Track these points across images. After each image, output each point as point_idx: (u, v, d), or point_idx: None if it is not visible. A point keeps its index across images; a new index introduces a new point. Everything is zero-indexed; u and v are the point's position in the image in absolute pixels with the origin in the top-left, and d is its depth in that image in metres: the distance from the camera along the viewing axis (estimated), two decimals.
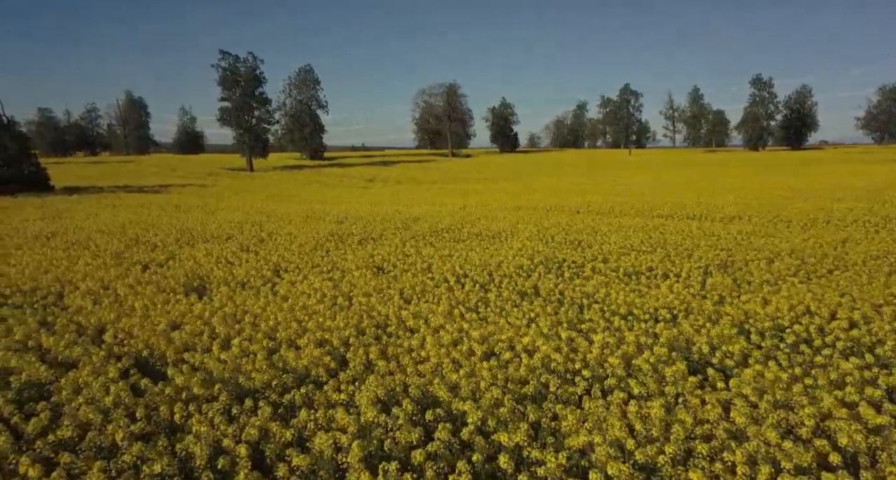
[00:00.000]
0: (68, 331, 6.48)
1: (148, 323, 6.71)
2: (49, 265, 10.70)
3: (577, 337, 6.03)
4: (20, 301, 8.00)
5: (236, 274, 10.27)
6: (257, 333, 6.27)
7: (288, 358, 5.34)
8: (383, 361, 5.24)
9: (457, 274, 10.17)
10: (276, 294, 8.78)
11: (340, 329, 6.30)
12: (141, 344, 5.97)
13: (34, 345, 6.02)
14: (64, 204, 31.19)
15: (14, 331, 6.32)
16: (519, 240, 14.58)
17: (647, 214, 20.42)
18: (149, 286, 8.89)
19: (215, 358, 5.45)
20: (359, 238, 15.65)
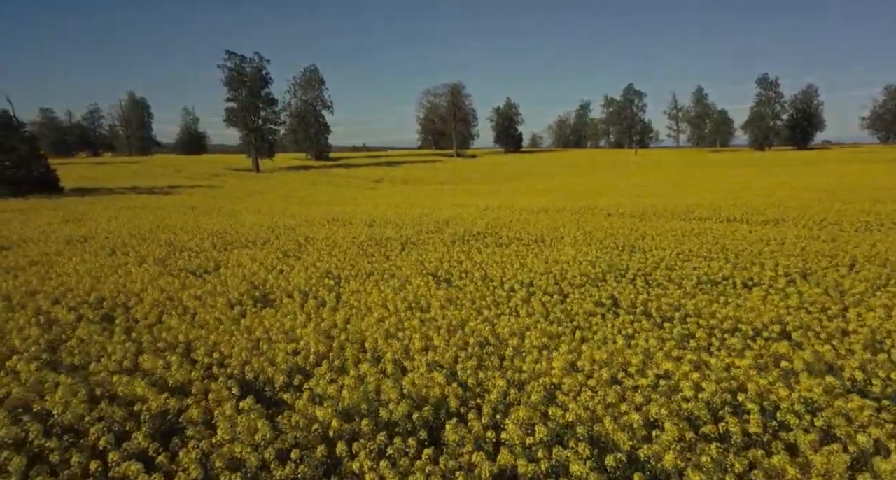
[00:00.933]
0: (158, 349, 6.09)
1: (234, 340, 6.30)
2: (99, 272, 10.30)
3: (704, 358, 5.61)
4: (92, 314, 7.58)
5: (293, 282, 9.86)
6: (357, 351, 5.85)
7: (405, 383, 4.92)
8: (514, 389, 4.80)
9: (521, 282, 9.78)
10: (346, 304, 8.37)
11: (444, 348, 5.87)
12: (239, 363, 5.57)
13: (129, 365, 5.61)
14: (80, 206, 30.77)
15: (110, 350, 5.92)
16: (566, 244, 14.21)
17: (684, 217, 20.02)
18: (217, 297, 8.49)
19: (323, 380, 5.04)
20: (399, 243, 15.25)
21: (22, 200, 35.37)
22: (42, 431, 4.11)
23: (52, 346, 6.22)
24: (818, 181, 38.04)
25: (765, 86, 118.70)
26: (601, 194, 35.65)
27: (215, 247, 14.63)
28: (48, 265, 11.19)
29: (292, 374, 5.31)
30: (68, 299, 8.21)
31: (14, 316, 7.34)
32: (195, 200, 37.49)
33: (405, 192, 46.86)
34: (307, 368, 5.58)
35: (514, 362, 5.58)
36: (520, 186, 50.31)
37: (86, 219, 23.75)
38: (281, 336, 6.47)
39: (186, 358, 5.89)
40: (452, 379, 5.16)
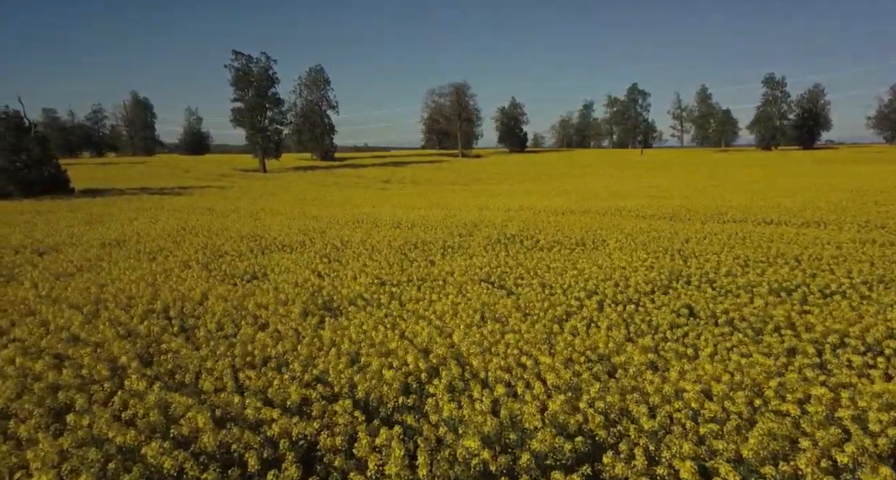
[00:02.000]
0: (251, 363, 5.80)
1: (328, 353, 6.00)
2: (152, 278, 10.03)
3: (842, 379, 5.28)
4: (163, 323, 7.29)
5: (353, 289, 9.57)
6: (460, 367, 5.54)
7: (528, 407, 4.60)
8: (659, 416, 4.43)
9: (587, 290, 9.48)
10: (415, 313, 8.08)
11: (553, 365, 5.53)
12: (345, 381, 5.27)
13: (230, 383, 5.30)
14: (95, 207, 30.49)
15: (212, 367, 5.64)
16: (610, 248, 13.91)
17: (717, 219, 19.72)
18: (283, 306, 8.20)
19: (444, 402, 4.72)
20: (436, 246, 14.95)
21: (35, 201, 35.12)
22: (191, 460, 3.82)
23: (145, 361, 5.95)
24: (838, 181, 37.71)
25: (771, 85, 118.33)
26: (620, 195, 35.31)
27: (252, 252, 14.35)
28: (95, 270, 10.91)
29: (406, 393, 5.01)
30: (135, 308, 7.93)
31: (96, 327, 7.04)
32: (209, 201, 37.19)
33: (418, 193, 46.51)
34: (413, 385, 5.26)
35: (637, 382, 5.25)
36: (533, 187, 49.97)
37: (105, 220, 23.48)
38: (371, 349, 6.17)
39: (284, 373, 5.59)
40: (580, 401, 4.82)
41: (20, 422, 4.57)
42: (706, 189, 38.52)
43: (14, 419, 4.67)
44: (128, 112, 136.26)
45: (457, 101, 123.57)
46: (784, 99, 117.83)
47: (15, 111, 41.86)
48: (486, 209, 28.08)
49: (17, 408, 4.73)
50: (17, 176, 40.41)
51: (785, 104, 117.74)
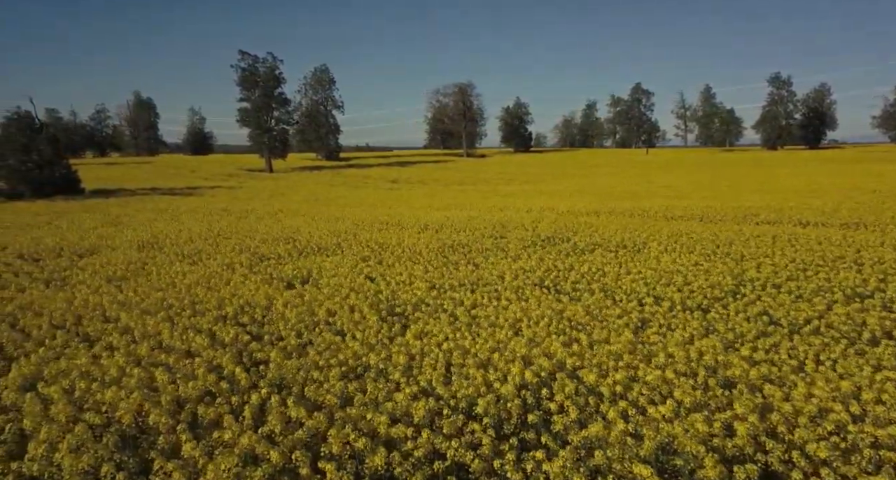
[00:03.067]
0: (355, 375, 5.56)
1: (424, 365, 5.75)
2: (207, 282, 9.81)
3: None
4: (236, 330, 7.04)
5: (413, 293, 9.32)
6: (570, 380, 5.28)
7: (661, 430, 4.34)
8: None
9: (652, 296, 9.22)
10: (485, 319, 7.81)
11: (674, 381, 5.25)
12: (463, 397, 5.00)
13: (328, 402, 5.05)
14: (111, 208, 30.21)
15: (319, 378, 5.38)
16: (655, 250, 13.66)
17: (748, 220, 19.49)
18: (355, 312, 7.95)
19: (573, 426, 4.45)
20: (475, 249, 14.70)
21: (49, 202, 34.85)
22: None
23: (246, 370, 5.70)
24: (858, 181, 37.44)
25: (777, 84, 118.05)
26: (637, 196, 35.04)
27: (289, 255, 14.09)
28: (144, 274, 10.68)
29: (527, 412, 4.76)
30: (206, 314, 7.70)
31: (188, 337, 6.79)
32: (222, 202, 36.93)
33: (430, 193, 46.24)
34: (530, 401, 4.99)
35: (766, 398, 4.97)
36: (545, 187, 49.66)
37: (126, 222, 23.23)
38: (470, 360, 5.91)
39: (383, 383, 5.34)
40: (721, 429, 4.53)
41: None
42: (722, 189, 38.26)
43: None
44: (131, 112, 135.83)
45: (461, 101, 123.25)
46: (790, 98, 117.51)
47: (26, 111, 41.63)
48: (506, 209, 27.82)
49: (158, 422, 4.48)
50: (28, 176, 40.14)
51: (791, 103, 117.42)
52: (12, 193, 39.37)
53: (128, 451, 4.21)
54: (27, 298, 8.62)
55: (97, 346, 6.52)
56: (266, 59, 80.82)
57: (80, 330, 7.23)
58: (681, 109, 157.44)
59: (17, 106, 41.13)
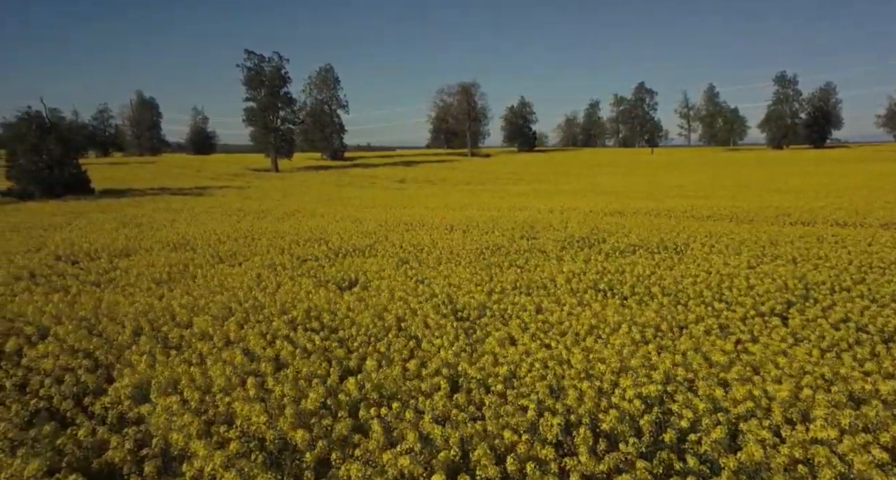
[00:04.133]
0: (465, 388, 5.29)
1: (530, 376, 5.47)
2: (263, 285, 9.54)
3: None
4: (312, 337, 6.77)
5: (474, 296, 9.04)
6: (701, 401, 4.96)
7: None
8: None
9: (722, 300, 8.93)
10: (556, 325, 7.53)
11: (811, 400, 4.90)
12: (584, 413, 4.71)
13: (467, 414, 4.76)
14: (126, 208, 29.91)
15: (426, 389, 5.09)
16: (699, 251, 13.38)
17: (782, 221, 19.22)
18: (428, 318, 7.68)
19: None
20: (511, 250, 14.42)
21: (60, 202, 34.56)
22: None
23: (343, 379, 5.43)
24: (875, 181, 37.18)
25: (783, 84, 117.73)
26: (654, 196, 34.76)
27: (327, 256, 13.82)
28: (191, 276, 10.43)
29: (659, 429, 4.47)
30: (278, 317, 7.46)
31: (272, 343, 6.51)
32: (235, 202, 36.66)
33: (442, 193, 45.96)
34: (658, 415, 4.68)
35: None
36: (557, 187, 49.41)
37: (144, 222, 22.94)
38: (570, 370, 5.63)
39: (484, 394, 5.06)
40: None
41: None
42: (739, 189, 37.98)
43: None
44: (134, 111, 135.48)
45: (466, 100, 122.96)
46: (796, 97, 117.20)
47: (36, 111, 41.32)
48: (526, 209, 27.54)
49: (293, 436, 4.20)
50: (38, 176, 39.86)
51: (797, 103, 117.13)
52: (22, 193, 39.10)
53: (276, 468, 3.95)
54: (89, 301, 8.34)
55: (186, 352, 6.25)
56: (272, 59, 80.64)
57: (160, 336, 6.97)
58: (684, 109, 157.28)
59: (27, 106, 40.82)
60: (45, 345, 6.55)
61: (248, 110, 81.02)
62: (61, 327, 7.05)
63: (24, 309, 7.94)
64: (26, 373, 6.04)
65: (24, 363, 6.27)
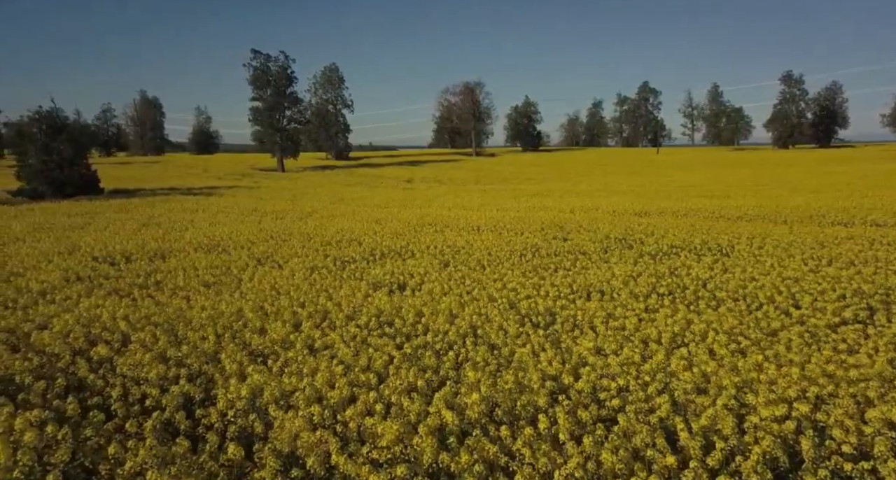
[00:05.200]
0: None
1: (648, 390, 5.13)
2: (311, 288, 9.22)
3: None
4: (388, 343, 6.44)
5: (540, 302, 8.71)
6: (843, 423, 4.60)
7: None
8: None
9: (799, 306, 8.58)
10: (641, 336, 7.19)
11: None
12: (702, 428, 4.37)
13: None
14: (141, 208, 29.51)
15: (531, 400, 4.73)
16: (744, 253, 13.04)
17: (816, 221, 18.91)
18: (499, 323, 7.35)
19: None
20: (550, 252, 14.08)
21: (73, 202, 34.20)
22: None
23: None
24: (892, 180, 36.82)
25: (789, 83, 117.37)
26: (672, 195, 34.39)
27: (364, 258, 13.49)
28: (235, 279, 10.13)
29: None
30: (350, 322, 7.12)
31: (361, 351, 6.18)
32: (249, 202, 36.28)
33: (455, 193, 45.54)
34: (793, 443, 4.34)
35: None
36: (570, 186, 48.99)
37: (164, 223, 22.58)
38: (683, 385, 5.28)
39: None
40: None
41: None
42: (757, 188, 37.62)
43: None
44: (138, 112, 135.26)
45: (472, 100, 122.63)
46: (802, 96, 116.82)
47: (47, 111, 40.96)
48: (547, 210, 27.20)
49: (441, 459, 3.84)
50: (49, 176, 39.51)
51: (803, 102, 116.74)
52: (33, 193, 38.75)
53: None
54: (151, 305, 8.03)
55: (280, 361, 5.92)
56: (278, 58, 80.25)
57: (240, 342, 6.65)
58: (688, 108, 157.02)
59: (38, 105, 40.49)
60: (133, 353, 6.24)
61: (254, 110, 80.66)
62: (141, 333, 6.77)
63: (95, 314, 7.63)
64: (124, 382, 5.72)
65: (121, 372, 5.96)
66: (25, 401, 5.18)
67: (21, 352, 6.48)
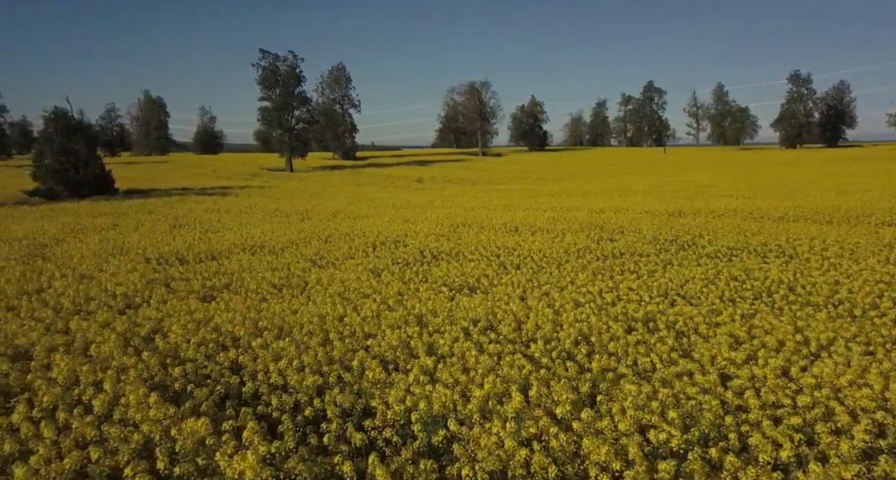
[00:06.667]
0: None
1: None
2: (387, 289, 8.89)
3: None
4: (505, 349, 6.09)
5: (641, 307, 8.36)
6: None
7: None
8: None
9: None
10: (759, 342, 6.83)
11: None
12: None
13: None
14: (162, 208, 29.14)
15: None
16: (810, 256, 12.68)
17: (863, 222, 18.58)
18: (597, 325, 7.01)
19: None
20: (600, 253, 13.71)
21: (92, 203, 33.85)
22: None
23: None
24: None
25: (796, 82, 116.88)
26: (692, 195, 33.99)
27: (417, 260, 13.14)
28: (301, 281, 9.80)
29: None
30: (452, 326, 6.79)
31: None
32: (268, 202, 35.90)
33: (472, 193, 45.17)
34: None
35: None
36: (587, 186, 48.58)
37: (190, 223, 22.25)
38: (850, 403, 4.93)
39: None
40: None
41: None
42: (776, 188, 37.22)
43: None
44: (143, 112, 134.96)
45: (479, 99, 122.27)
46: (810, 96, 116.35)
47: (63, 111, 40.60)
48: (575, 210, 26.80)
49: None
50: (65, 176, 39.17)
51: (811, 101, 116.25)
52: (49, 193, 38.42)
53: None
54: (250, 311, 7.71)
55: (412, 373, 5.59)
56: (287, 58, 79.82)
57: (364, 347, 6.33)
58: (693, 107, 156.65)
59: (53, 106, 40.15)
60: (263, 360, 5.94)
61: (263, 109, 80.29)
62: (260, 339, 6.49)
63: (198, 317, 7.36)
64: (273, 391, 5.43)
65: (264, 379, 5.68)
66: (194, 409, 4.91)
67: (156, 357, 6.21)
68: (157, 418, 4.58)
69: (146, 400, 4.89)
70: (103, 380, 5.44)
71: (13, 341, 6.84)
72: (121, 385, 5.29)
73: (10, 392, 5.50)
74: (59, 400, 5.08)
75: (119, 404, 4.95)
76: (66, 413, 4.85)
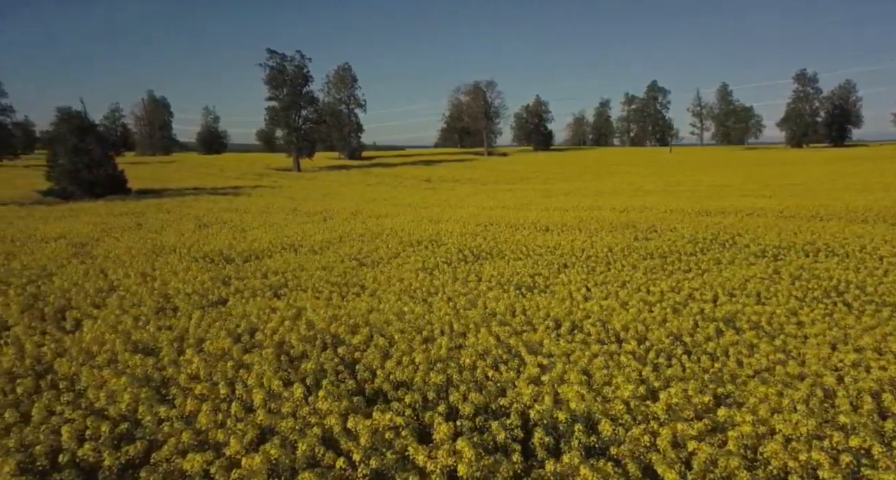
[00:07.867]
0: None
1: None
2: (448, 289, 8.72)
3: None
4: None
5: (723, 308, 8.15)
6: None
7: None
8: None
9: None
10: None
11: None
12: None
13: None
14: (180, 208, 28.95)
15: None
16: (872, 257, 12.47)
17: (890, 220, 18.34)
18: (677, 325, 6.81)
19: None
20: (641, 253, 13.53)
21: (107, 202, 33.70)
22: None
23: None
24: None
25: (802, 81, 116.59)
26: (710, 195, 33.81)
27: (459, 260, 12.95)
28: (359, 279, 9.62)
29: None
30: (543, 326, 6.59)
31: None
32: (284, 202, 35.75)
33: (486, 193, 44.99)
34: None
35: None
36: (598, 186, 48.38)
37: (214, 222, 22.09)
38: None
39: None
40: None
41: None
42: (792, 187, 37.02)
43: None
44: (147, 112, 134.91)
45: (485, 99, 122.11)
46: (816, 95, 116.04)
47: (77, 112, 40.47)
48: (596, 209, 26.59)
49: None
50: (78, 176, 39.06)
51: (817, 101, 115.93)
52: (63, 193, 38.31)
53: None
54: (333, 308, 7.55)
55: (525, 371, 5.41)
56: (294, 58, 79.65)
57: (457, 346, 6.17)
58: (697, 107, 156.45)
59: (67, 107, 40.04)
60: (371, 356, 5.82)
61: (270, 109, 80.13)
62: (357, 336, 6.36)
63: (299, 314, 7.22)
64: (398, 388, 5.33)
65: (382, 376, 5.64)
66: None
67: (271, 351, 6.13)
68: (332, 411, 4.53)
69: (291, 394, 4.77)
70: (241, 378, 5.39)
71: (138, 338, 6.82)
72: (264, 379, 5.28)
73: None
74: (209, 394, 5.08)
75: (282, 398, 4.89)
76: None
